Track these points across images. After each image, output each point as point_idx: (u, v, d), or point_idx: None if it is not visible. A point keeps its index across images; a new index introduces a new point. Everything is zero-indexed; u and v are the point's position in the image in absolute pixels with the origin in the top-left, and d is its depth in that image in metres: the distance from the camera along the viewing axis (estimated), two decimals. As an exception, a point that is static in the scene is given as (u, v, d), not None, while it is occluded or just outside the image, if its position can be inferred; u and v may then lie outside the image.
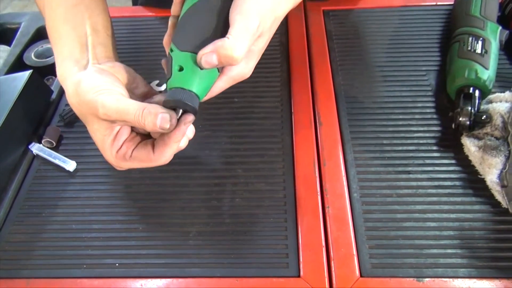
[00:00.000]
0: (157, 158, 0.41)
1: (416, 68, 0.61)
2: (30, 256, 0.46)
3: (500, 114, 0.49)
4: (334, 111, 0.56)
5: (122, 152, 0.42)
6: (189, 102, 0.38)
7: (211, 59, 0.37)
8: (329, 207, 0.47)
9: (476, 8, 0.60)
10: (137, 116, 0.39)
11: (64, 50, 0.45)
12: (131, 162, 0.43)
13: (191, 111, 0.39)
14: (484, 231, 0.45)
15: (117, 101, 0.39)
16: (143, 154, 0.42)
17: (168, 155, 0.42)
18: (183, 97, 0.38)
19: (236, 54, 0.37)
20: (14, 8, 2.45)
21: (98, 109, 0.40)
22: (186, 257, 0.45)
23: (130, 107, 0.39)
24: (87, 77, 0.42)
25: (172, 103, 0.38)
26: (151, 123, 0.38)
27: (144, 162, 0.42)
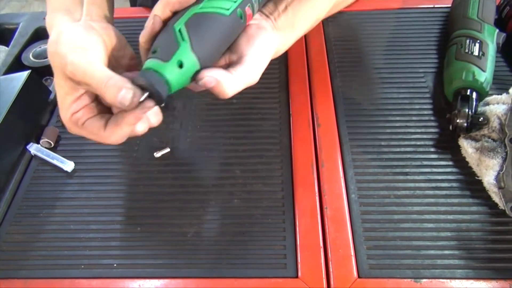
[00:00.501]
0: (106, 136, 0.40)
1: (414, 70, 0.61)
2: (28, 257, 0.46)
3: (497, 116, 0.49)
4: (332, 112, 0.57)
5: (76, 117, 0.40)
6: (160, 89, 0.36)
7: (209, 83, 0.37)
8: (327, 208, 0.47)
9: (474, 11, 0.60)
10: (100, 83, 0.37)
11: (57, 2, 0.44)
12: (80, 130, 0.41)
13: (157, 98, 0.36)
14: (481, 232, 0.45)
15: (87, 63, 0.38)
16: (94, 126, 0.40)
17: (118, 136, 0.40)
18: (157, 82, 0.36)
19: (230, 93, 0.39)
20: (12, 9, 2.44)
21: (67, 65, 0.38)
22: (184, 258, 0.45)
23: (97, 73, 0.37)
24: (70, 30, 0.40)
25: (143, 84, 0.36)
26: (112, 95, 0.36)
27: (93, 135, 0.41)
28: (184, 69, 0.37)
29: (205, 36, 0.37)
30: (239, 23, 0.40)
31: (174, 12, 0.39)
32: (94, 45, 0.40)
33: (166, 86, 0.36)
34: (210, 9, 0.38)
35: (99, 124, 0.40)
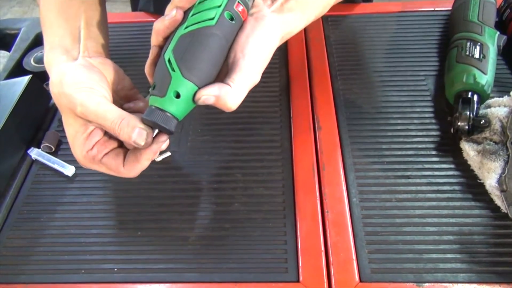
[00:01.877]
0: (126, 172, 0.41)
1: (415, 73, 0.61)
2: (28, 261, 0.45)
3: (499, 119, 0.49)
4: (333, 115, 0.57)
5: (92, 154, 0.41)
6: (167, 126, 0.37)
7: (208, 101, 0.37)
8: (328, 211, 0.47)
9: (474, 14, 0.60)
10: (114, 124, 0.38)
11: (55, 39, 0.44)
12: (98, 166, 0.42)
13: (167, 132, 0.38)
14: (483, 236, 0.45)
15: (97, 104, 0.39)
16: (113, 163, 0.41)
17: (137, 171, 0.41)
18: (163, 120, 0.37)
19: (233, 105, 0.38)
20: (14, 14, 2.46)
21: (77, 106, 0.39)
22: (184, 262, 0.45)
23: (109, 114, 0.39)
24: (73, 70, 0.41)
25: (151, 124, 0.38)
26: (127, 135, 0.38)
27: (112, 171, 0.42)
28: (183, 97, 0.37)
29: (194, 58, 0.37)
30: (231, 26, 0.38)
31: (166, 37, 0.39)
32: (99, 83, 0.41)
33: (172, 119, 0.37)
34: (194, 26, 0.37)
35: (117, 161, 0.41)
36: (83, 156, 0.41)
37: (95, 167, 0.42)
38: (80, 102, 0.39)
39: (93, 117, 0.39)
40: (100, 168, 0.42)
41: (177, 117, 0.38)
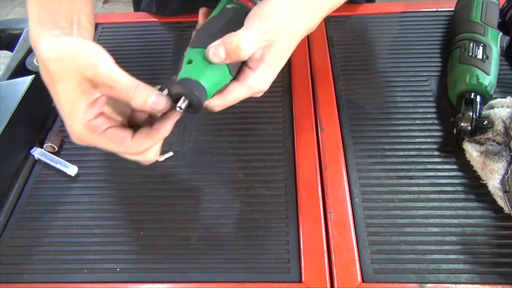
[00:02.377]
0: (132, 146, 0.39)
1: (417, 73, 0.61)
2: (31, 261, 0.46)
3: (502, 120, 0.49)
4: (335, 116, 0.56)
5: (95, 123, 0.38)
6: (196, 91, 0.37)
7: (218, 51, 0.37)
8: (330, 212, 0.47)
9: (477, 14, 0.60)
10: (128, 88, 0.36)
11: (45, 17, 0.41)
12: (99, 138, 0.38)
13: (196, 103, 0.38)
14: (486, 237, 0.45)
15: (112, 67, 0.37)
16: (119, 134, 0.38)
17: (145, 147, 0.39)
18: (191, 86, 0.37)
19: (243, 45, 0.37)
20: (17, 15, 2.46)
21: (90, 67, 0.36)
22: (187, 262, 0.45)
23: (124, 78, 0.37)
24: (78, 38, 0.39)
25: (180, 90, 0.37)
26: (142, 99, 0.36)
27: (115, 143, 0.39)
28: (195, 61, 0.38)
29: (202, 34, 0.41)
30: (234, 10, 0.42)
31: None
32: (107, 52, 0.38)
33: (199, 86, 0.37)
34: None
35: (125, 133, 0.39)
36: (84, 125, 0.38)
37: (94, 139, 0.39)
38: (96, 62, 0.36)
39: (106, 79, 0.36)
40: (100, 141, 0.39)
41: (199, 81, 0.37)
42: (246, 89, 0.42)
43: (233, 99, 0.42)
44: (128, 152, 0.40)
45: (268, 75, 0.42)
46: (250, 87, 0.41)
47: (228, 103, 0.42)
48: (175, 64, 0.65)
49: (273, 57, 0.41)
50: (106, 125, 0.39)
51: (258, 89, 0.42)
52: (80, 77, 0.36)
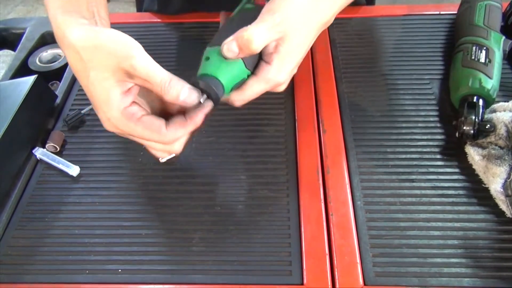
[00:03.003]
0: (167, 134, 0.40)
1: (420, 76, 0.61)
2: (32, 261, 0.46)
3: (504, 124, 0.49)
4: (337, 118, 0.57)
5: (132, 110, 0.40)
6: (213, 86, 0.40)
7: (231, 47, 0.39)
8: (332, 214, 0.47)
9: (480, 18, 0.60)
10: (163, 81, 0.38)
11: (69, 7, 0.42)
12: (135, 125, 0.40)
13: (213, 97, 0.41)
14: (488, 241, 0.45)
15: (149, 60, 0.38)
16: (155, 123, 0.40)
17: (178, 135, 0.41)
18: (208, 81, 0.40)
19: (254, 38, 0.38)
20: (18, 13, 2.46)
21: (128, 59, 0.37)
22: (189, 264, 0.45)
23: (159, 71, 0.38)
24: (109, 29, 0.40)
25: (198, 85, 0.40)
26: (176, 93, 0.39)
27: (151, 131, 0.40)
28: (212, 58, 0.41)
29: (219, 34, 0.43)
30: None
31: None
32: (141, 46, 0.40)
33: (217, 81, 0.40)
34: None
35: (159, 121, 0.40)
36: (121, 111, 0.39)
37: (130, 126, 0.40)
38: (133, 54, 0.37)
39: (143, 71, 0.38)
40: (136, 128, 0.40)
41: (216, 77, 0.40)
42: (264, 83, 0.42)
43: (252, 93, 0.43)
44: (163, 140, 0.41)
45: (284, 68, 0.42)
46: (268, 81, 0.42)
47: (248, 98, 0.43)
48: (178, 64, 0.65)
49: (288, 49, 0.42)
50: (141, 112, 0.41)
51: (275, 82, 0.43)
52: (117, 67, 0.38)
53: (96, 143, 0.56)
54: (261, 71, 0.42)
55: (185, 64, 0.65)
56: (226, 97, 0.43)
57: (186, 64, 0.65)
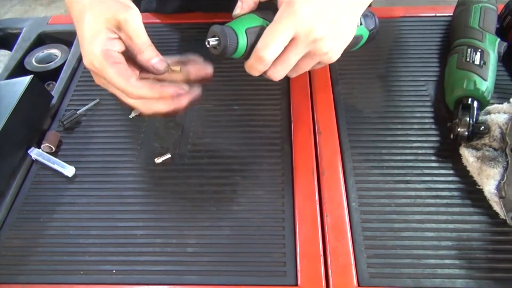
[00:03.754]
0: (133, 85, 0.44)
1: (415, 78, 0.61)
2: (27, 262, 0.45)
3: (498, 125, 0.49)
4: (333, 120, 0.57)
5: (112, 53, 0.43)
6: (223, 29, 0.43)
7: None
8: (327, 216, 0.47)
9: (475, 20, 0.60)
10: (144, 43, 0.44)
11: None
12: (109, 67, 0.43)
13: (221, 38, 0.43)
14: (482, 242, 0.45)
15: (140, 23, 0.44)
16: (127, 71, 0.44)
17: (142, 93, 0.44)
18: (219, 27, 0.44)
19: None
20: (15, 13, 2.46)
21: (124, 13, 0.43)
22: (183, 264, 0.45)
23: (144, 34, 0.44)
24: None
25: (213, 29, 0.44)
26: (149, 56, 0.44)
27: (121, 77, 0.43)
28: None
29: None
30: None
31: None
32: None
33: (234, 35, 0.44)
34: None
35: (132, 72, 0.44)
36: (101, 49, 0.42)
37: (104, 66, 0.43)
38: (130, 12, 0.43)
39: (131, 29, 0.43)
40: (108, 70, 0.43)
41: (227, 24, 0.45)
42: (281, 23, 0.42)
43: (273, 37, 0.42)
44: (128, 89, 0.44)
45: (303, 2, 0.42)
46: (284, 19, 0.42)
47: (271, 43, 0.43)
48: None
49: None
50: (120, 60, 0.44)
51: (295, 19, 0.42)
52: (111, 16, 0.43)
53: (91, 144, 0.56)
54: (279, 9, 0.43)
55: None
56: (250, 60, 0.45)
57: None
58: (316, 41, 0.43)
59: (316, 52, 0.44)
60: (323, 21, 0.42)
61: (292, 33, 0.42)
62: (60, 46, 0.70)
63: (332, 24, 0.43)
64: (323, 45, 0.44)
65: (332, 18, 0.43)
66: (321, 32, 0.43)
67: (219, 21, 0.67)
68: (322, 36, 0.43)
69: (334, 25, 0.43)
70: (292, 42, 0.43)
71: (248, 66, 0.45)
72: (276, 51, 0.43)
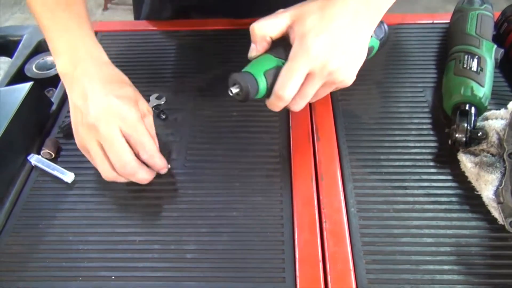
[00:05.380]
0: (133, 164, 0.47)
1: (413, 84, 0.62)
2: (26, 268, 0.45)
3: (496, 131, 0.49)
4: (332, 126, 0.57)
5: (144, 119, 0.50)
6: (244, 76, 0.45)
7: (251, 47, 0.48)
8: (326, 221, 0.47)
9: (472, 27, 0.61)
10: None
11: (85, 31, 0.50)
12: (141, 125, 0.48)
13: (242, 84, 0.45)
14: (480, 248, 0.45)
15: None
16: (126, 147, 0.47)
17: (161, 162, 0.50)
18: (239, 74, 0.46)
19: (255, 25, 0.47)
20: (16, 21, 2.47)
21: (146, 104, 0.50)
22: (182, 271, 0.45)
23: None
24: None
25: (234, 77, 0.46)
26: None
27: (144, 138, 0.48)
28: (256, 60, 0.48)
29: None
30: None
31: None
32: None
33: (254, 80, 0.45)
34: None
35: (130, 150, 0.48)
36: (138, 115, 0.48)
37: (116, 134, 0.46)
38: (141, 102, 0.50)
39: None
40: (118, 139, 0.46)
41: (244, 70, 0.47)
42: (296, 61, 0.44)
43: (290, 74, 0.44)
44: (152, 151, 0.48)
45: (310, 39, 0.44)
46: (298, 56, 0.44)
47: (289, 82, 0.44)
48: (173, 73, 0.65)
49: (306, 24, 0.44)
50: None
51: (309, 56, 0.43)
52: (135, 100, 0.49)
53: (91, 150, 0.56)
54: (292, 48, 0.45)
55: (180, 72, 0.65)
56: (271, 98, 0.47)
57: (181, 72, 0.65)
58: (332, 74, 0.45)
59: (332, 81, 0.47)
60: (336, 53, 0.44)
61: (307, 69, 0.44)
62: (60, 53, 0.70)
63: (345, 54, 0.45)
64: (338, 75, 0.46)
65: (344, 48, 0.45)
66: (335, 65, 0.44)
67: (214, 28, 0.68)
68: (336, 68, 0.45)
69: (346, 55, 0.45)
70: (309, 77, 0.45)
71: (270, 104, 0.47)
72: (294, 89, 0.45)
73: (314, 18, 0.44)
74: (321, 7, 0.45)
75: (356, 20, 0.45)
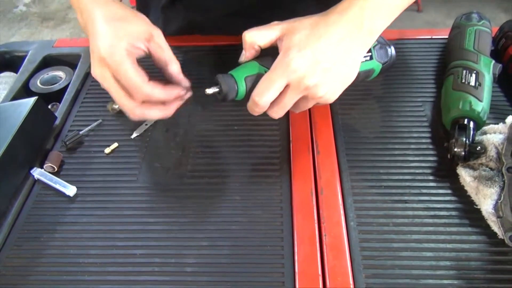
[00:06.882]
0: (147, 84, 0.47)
1: (412, 99, 0.62)
2: (27, 281, 0.46)
3: (494, 145, 0.50)
4: (331, 140, 0.57)
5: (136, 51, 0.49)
6: (224, 78, 0.49)
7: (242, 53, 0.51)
8: (326, 235, 0.48)
9: (470, 42, 0.61)
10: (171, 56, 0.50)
11: None
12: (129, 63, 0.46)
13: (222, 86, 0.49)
14: (480, 262, 0.45)
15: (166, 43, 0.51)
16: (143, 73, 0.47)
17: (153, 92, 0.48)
18: (221, 75, 0.50)
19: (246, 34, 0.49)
20: (22, 36, 2.51)
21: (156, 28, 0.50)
22: (183, 284, 0.45)
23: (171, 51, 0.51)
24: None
25: (216, 78, 0.50)
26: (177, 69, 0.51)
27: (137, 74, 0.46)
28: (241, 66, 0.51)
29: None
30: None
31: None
32: None
33: (234, 81, 0.49)
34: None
35: (146, 75, 0.47)
36: (127, 47, 0.46)
37: (125, 61, 0.46)
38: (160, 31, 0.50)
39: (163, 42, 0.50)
40: (129, 65, 0.46)
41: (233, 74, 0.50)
42: (277, 71, 0.46)
43: (269, 83, 0.46)
44: (140, 88, 0.47)
45: (293, 53, 0.45)
46: (279, 67, 0.46)
47: (266, 91, 0.47)
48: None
49: (295, 37, 0.46)
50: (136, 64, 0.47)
51: (289, 68, 0.45)
52: (146, 28, 0.49)
53: (93, 164, 0.56)
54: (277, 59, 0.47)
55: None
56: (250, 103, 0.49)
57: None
58: (309, 88, 0.47)
59: (311, 96, 0.48)
60: (315, 70, 0.46)
61: (285, 81, 0.46)
62: (65, 68, 0.71)
63: (325, 71, 0.46)
64: (316, 91, 0.47)
65: (326, 66, 0.46)
66: (313, 81, 0.46)
67: (218, 44, 0.69)
68: (314, 83, 0.46)
69: (327, 72, 0.47)
70: (287, 89, 0.47)
71: (248, 107, 0.50)
72: (270, 97, 0.47)
73: (303, 34, 0.46)
74: (312, 24, 0.47)
75: (345, 41, 0.47)
